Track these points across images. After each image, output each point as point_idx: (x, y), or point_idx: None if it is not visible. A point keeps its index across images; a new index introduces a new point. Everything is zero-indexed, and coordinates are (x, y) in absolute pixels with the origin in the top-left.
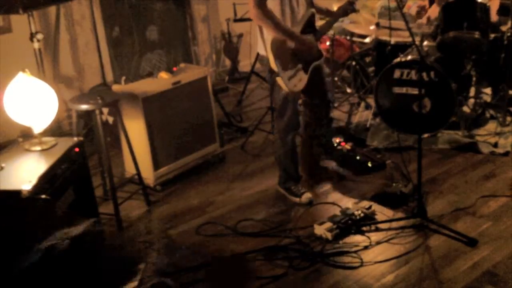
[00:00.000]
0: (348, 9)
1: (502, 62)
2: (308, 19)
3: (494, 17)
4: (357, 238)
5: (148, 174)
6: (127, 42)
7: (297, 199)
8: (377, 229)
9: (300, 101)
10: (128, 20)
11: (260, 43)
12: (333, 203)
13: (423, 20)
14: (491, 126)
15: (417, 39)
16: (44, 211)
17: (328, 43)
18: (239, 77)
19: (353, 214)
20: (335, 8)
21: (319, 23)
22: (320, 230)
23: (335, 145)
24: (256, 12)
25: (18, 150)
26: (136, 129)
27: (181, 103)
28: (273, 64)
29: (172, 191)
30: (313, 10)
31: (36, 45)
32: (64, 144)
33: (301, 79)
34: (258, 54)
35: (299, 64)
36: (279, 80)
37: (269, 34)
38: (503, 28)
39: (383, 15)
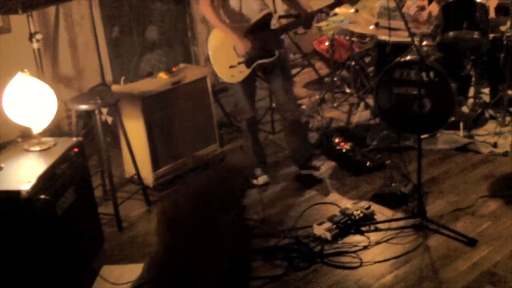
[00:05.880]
0: (318, 17)
1: (502, 62)
2: (261, 19)
3: (492, 14)
4: (357, 238)
5: (148, 174)
6: (127, 42)
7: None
8: (377, 229)
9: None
10: (128, 20)
11: None
12: (333, 203)
13: (424, 15)
14: (491, 126)
15: (417, 39)
16: None
17: (327, 43)
18: None
19: (352, 214)
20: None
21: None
22: (320, 230)
23: (335, 145)
24: (205, 8)
25: (18, 150)
26: (135, 129)
27: (180, 103)
28: (210, 55)
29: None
30: (269, 11)
31: (35, 45)
32: (64, 144)
33: (241, 71)
34: None
35: (242, 58)
36: (214, 68)
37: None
38: (503, 28)
39: (383, 15)
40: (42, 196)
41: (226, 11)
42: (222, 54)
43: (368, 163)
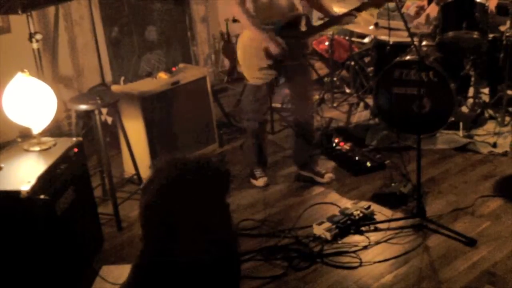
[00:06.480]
0: (342, 19)
1: (501, 62)
2: (291, 20)
3: (492, 8)
4: (356, 238)
5: (147, 174)
6: (126, 42)
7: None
8: (376, 229)
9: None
10: (127, 20)
11: None
12: (332, 203)
13: (422, 18)
14: (490, 126)
15: (416, 39)
16: None
17: (327, 43)
18: (238, 77)
19: (352, 214)
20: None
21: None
22: (319, 230)
23: (334, 145)
24: (236, 8)
25: (17, 151)
26: (135, 129)
27: (180, 103)
28: (239, 56)
29: None
30: (300, 12)
31: (35, 45)
32: (63, 144)
33: (270, 74)
34: None
35: (270, 61)
36: (243, 71)
37: (243, 29)
38: (502, 28)
39: (382, 15)
40: (42, 196)
41: (256, 10)
42: (252, 56)
43: (368, 163)
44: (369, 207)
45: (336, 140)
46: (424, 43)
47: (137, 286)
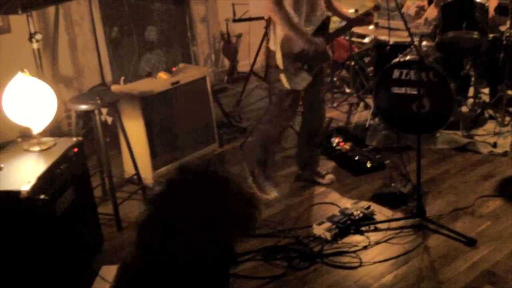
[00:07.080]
0: (364, 19)
1: (501, 62)
2: (322, 22)
3: (491, 13)
4: (356, 238)
5: (147, 174)
6: (126, 42)
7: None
8: (376, 229)
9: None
10: (127, 20)
11: (272, 38)
12: (332, 203)
13: (421, 20)
14: (490, 126)
15: (416, 39)
16: None
17: None
18: (238, 77)
19: (352, 214)
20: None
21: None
22: (319, 230)
23: (334, 145)
24: (271, 7)
25: (17, 151)
26: (135, 129)
27: (180, 103)
28: (279, 61)
29: None
30: (329, 13)
31: (35, 45)
32: (63, 144)
33: (304, 79)
34: (257, 54)
35: (305, 65)
36: (282, 76)
37: (281, 30)
38: (502, 28)
39: (382, 15)
40: (42, 196)
41: (297, 13)
42: (288, 59)
43: (368, 163)
44: (369, 207)
45: (336, 140)
46: (424, 43)
47: (136, 286)
